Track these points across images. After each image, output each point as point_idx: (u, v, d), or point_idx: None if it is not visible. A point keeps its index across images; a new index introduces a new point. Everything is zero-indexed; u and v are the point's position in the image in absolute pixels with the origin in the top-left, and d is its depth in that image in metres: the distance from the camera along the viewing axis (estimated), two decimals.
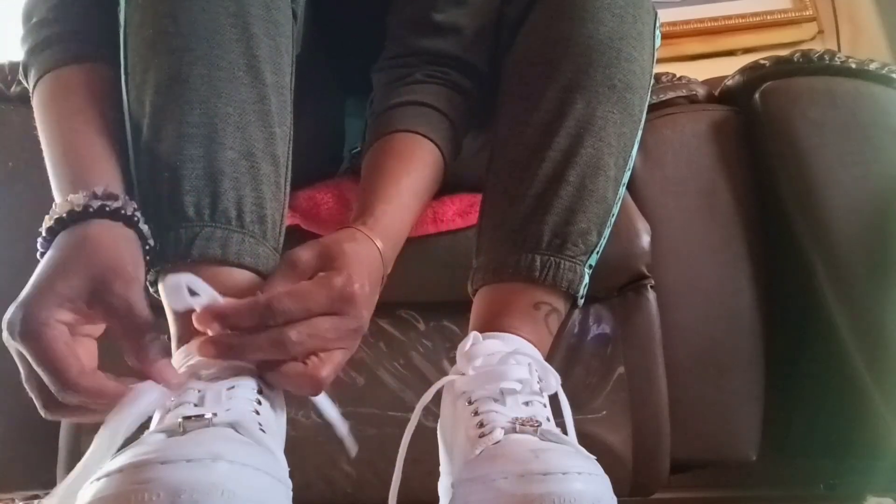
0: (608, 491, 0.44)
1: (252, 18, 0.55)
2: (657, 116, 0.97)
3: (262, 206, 0.54)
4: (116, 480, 0.37)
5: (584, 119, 0.58)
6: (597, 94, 0.58)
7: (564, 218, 0.57)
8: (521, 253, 0.57)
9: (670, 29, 1.70)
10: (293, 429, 0.77)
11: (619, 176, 0.60)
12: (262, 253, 0.53)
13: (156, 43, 0.54)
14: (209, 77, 0.53)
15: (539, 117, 0.59)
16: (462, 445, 0.49)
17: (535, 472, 0.42)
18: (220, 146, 0.53)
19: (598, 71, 0.58)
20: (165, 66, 0.53)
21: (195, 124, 0.53)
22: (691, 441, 0.84)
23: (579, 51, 0.59)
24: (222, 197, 0.52)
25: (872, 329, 0.83)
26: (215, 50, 0.54)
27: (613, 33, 0.59)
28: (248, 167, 0.53)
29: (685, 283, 0.89)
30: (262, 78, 0.55)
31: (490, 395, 0.50)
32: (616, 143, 0.59)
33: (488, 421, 0.48)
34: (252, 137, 0.54)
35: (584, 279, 0.59)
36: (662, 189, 0.92)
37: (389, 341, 0.80)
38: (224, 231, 0.52)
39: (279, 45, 0.57)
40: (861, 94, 0.91)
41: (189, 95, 0.53)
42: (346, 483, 0.76)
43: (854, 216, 0.85)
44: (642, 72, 0.61)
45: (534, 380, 0.51)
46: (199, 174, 0.52)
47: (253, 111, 0.54)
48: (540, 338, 0.57)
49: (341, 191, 0.79)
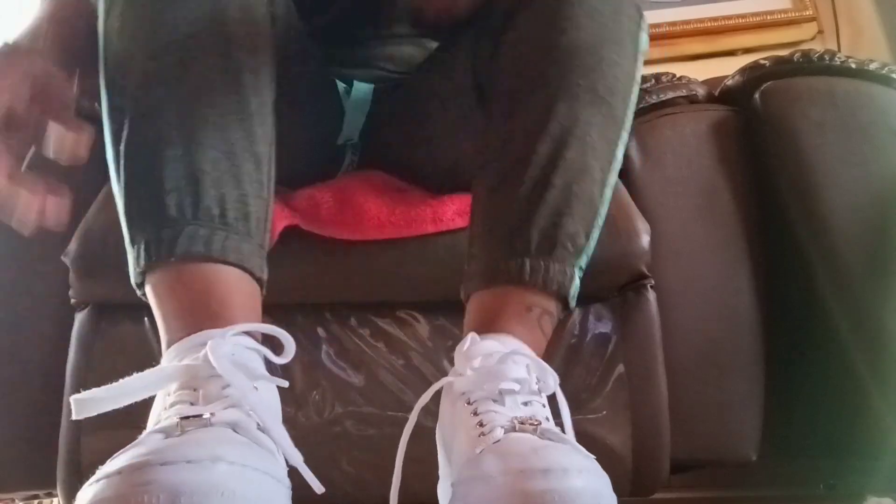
0: (607, 489, 0.44)
1: (229, 21, 0.56)
2: (657, 116, 0.97)
3: (246, 203, 0.55)
4: (116, 482, 0.37)
5: (568, 124, 0.58)
6: (580, 99, 0.59)
7: (552, 221, 0.58)
8: (512, 257, 0.58)
9: (670, 29, 1.70)
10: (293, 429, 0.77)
11: (604, 179, 0.60)
12: (246, 249, 0.54)
13: (133, 49, 0.55)
14: (187, 80, 0.54)
15: (524, 125, 0.60)
16: (462, 445, 0.49)
17: (535, 468, 0.42)
18: (200, 146, 0.54)
19: (580, 77, 0.59)
20: (143, 71, 0.55)
21: (174, 126, 0.54)
22: (691, 441, 0.84)
23: (561, 57, 0.60)
24: (204, 195, 0.53)
25: (872, 329, 0.83)
26: (193, 53, 0.55)
27: (594, 39, 0.60)
28: (229, 166, 0.54)
29: (685, 283, 0.88)
30: (241, 80, 0.56)
31: (489, 395, 0.50)
32: (601, 147, 0.59)
33: (488, 420, 0.48)
34: (232, 137, 0.55)
35: (574, 281, 0.59)
36: (662, 189, 0.92)
37: (389, 341, 0.80)
38: (207, 229, 0.53)
39: (258, 47, 0.59)
40: (861, 94, 0.91)
41: (167, 98, 0.54)
42: (346, 483, 0.76)
43: (854, 216, 0.85)
44: (626, 76, 0.61)
45: (532, 380, 0.51)
46: (180, 174, 0.53)
47: (232, 112, 0.56)
48: (535, 339, 0.57)
49: (341, 190, 0.79)
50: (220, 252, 0.52)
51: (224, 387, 0.45)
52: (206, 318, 0.50)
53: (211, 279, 0.52)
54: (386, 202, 0.78)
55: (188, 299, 0.52)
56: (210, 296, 0.52)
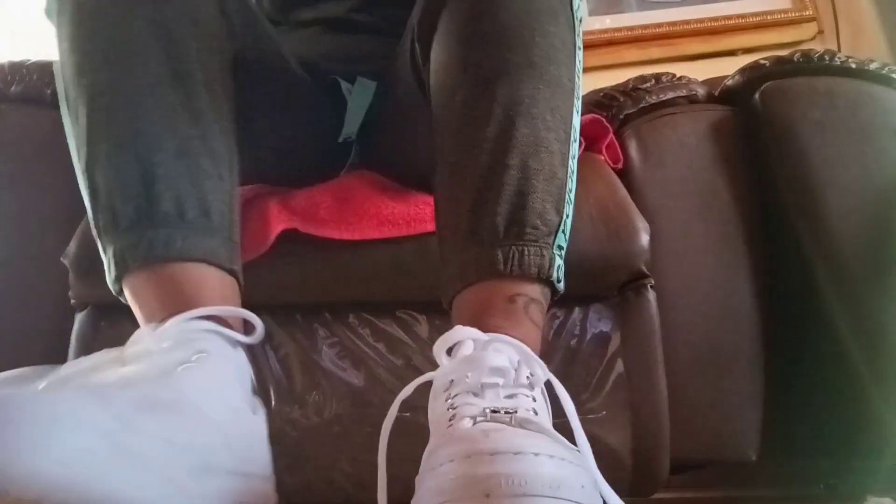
0: (578, 479, 0.39)
1: (172, 24, 0.57)
2: (657, 116, 0.97)
3: (205, 199, 0.56)
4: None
5: (511, 103, 0.56)
6: (518, 75, 0.56)
7: (516, 203, 0.55)
8: (481, 250, 0.55)
9: (670, 29, 1.70)
10: (293, 429, 0.77)
11: (563, 150, 0.58)
12: (209, 244, 0.55)
13: (82, 66, 0.56)
14: (134, 87, 0.56)
15: (467, 115, 0.57)
16: (431, 440, 0.47)
17: (483, 451, 0.38)
18: (151, 151, 0.55)
19: (514, 53, 0.57)
20: (92, 86, 0.56)
21: (125, 135, 0.55)
22: (691, 441, 0.84)
23: (491, 39, 0.57)
24: (160, 198, 0.54)
25: (872, 329, 0.83)
26: (137, 59, 0.56)
27: (522, 13, 0.57)
28: (184, 165, 0.55)
29: (685, 283, 0.88)
30: (191, 78, 0.57)
31: (469, 388, 0.47)
32: (551, 118, 0.57)
33: (459, 412, 0.46)
34: (184, 136, 0.56)
35: (555, 262, 0.56)
36: (662, 189, 0.92)
37: (389, 341, 0.80)
38: (166, 230, 0.54)
39: (207, 45, 0.60)
40: (861, 94, 0.91)
41: (116, 109, 0.55)
42: (346, 483, 0.76)
43: (854, 216, 0.85)
44: (563, 43, 0.58)
45: (521, 373, 0.49)
46: (134, 181, 0.54)
47: (183, 111, 0.56)
48: (525, 332, 0.54)
49: (342, 190, 0.79)
50: (180, 252, 0.54)
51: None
52: (172, 312, 0.52)
53: (176, 278, 0.54)
54: (386, 202, 0.78)
55: (156, 299, 0.54)
56: (175, 293, 0.54)
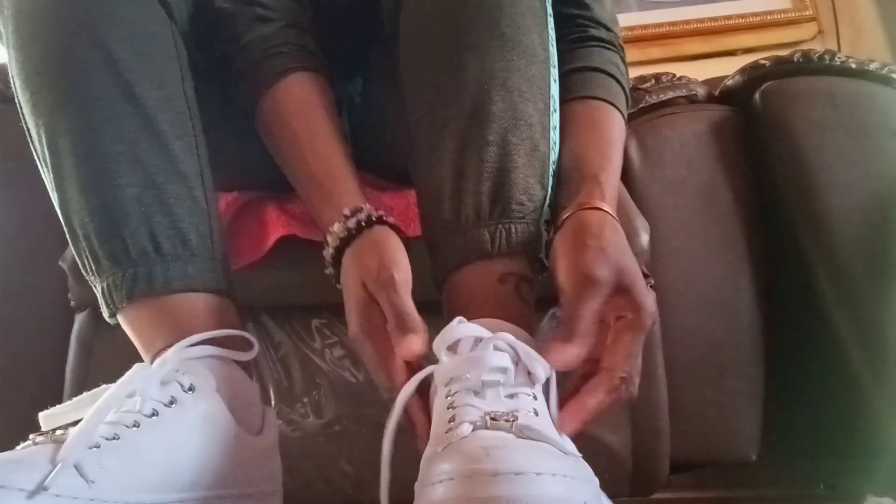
0: (583, 494, 0.38)
1: (113, 44, 0.55)
2: (657, 116, 0.97)
3: (180, 227, 0.55)
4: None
5: (484, 77, 0.53)
6: (488, 48, 0.54)
7: (498, 180, 0.52)
8: (466, 232, 0.53)
9: (670, 29, 1.70)
10: (293, 429, 0.77)
11: (543, 121, 0.55)
12: (191, 272, 0.55)
13: (36, 105, 0.55)
14: (88, 122, 0.54)
15: (437, 94, 0.55)
16: (431, 442, 0.45)
17: (484, 472, 0.36)
18: (117, 189, 0.54)
19: (481, 26, 0.54)
20: (50, 131, 0.55)
21: (91, 176, 0.54)
22: (691, 441, 0.84)
23: (457, 13, 0.55)
24: (134, 236, 0.54)
25: (872, 329, 0.83)
26: (88, 92, 0.54)
27: None
28: (153, 197, 0.55)
29: (685, 283, 0.88)
30: (144, 100, 0.55)
31: (469, 387, 0.45)
32: (528, 88, 0.54)
33: (459, 415, 0.44)
34: (150, 165, 0.55)
35: (542, 237, 0.54)
36: (662, 189, 0.92)
37: None
38: (145, 268, 0.54)
39: (155, 57, 0.57)
40: (861, 94, 0.91)
41: (77, 153, 0.54)
42: (346, 483, 0.76)
43: (854, 216, 0.85)
44: (532, 10, 0.56)
45: (522, 369, 0.46)
46: (107, 223, 0.54)
47: (143, 138, 0.55)
48: (519, 312, 0.51)
49: None
50: (163, 286, 0.54)
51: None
52: (170, 342, 0.53)
53: (165, 310, 0.54)
54: (385, 202, 0.77)
55: (149, 332, 0.55)
56: (167, 324, 0.54)
